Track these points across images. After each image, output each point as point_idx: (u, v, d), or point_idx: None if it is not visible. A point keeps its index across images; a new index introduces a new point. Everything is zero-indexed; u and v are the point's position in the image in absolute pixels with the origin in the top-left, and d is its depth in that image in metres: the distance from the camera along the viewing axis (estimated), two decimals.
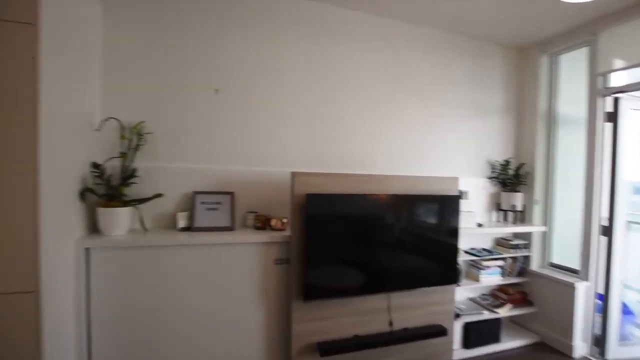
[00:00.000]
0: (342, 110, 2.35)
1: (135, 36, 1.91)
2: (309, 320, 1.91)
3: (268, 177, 2.15)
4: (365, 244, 1.98)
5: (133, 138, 1.83)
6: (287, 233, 1.93)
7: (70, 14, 1.50)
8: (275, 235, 1.89)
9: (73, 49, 1.52)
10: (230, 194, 2.02)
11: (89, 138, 1.70)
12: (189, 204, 1.96)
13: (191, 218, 1.92)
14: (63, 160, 1.44)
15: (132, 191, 1.82)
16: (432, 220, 2.14)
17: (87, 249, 1.61)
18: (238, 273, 1.84)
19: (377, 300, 2.04)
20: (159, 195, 1.83)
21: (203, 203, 1.96)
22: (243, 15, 2.10)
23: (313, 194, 1.81)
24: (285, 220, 1.99)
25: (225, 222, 1.96)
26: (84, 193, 1.63)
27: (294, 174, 1.85)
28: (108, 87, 1.86)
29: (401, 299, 2.09)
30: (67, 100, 1.47)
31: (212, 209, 1.97)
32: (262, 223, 2.00)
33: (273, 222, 1.99)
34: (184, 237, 1.78)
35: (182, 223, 1.90)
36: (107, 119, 1.75)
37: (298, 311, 1.88)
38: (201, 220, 1.93)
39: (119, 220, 1.71)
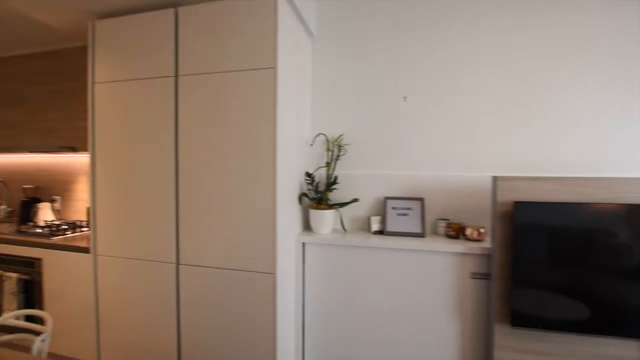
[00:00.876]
0: (552, 103, 1.93)
1: (334, 63, 2.19)
2: (515, 350, 1.64)
3: (460, 182, 2.00)
4: (595, 269, 1.54)
5: (334, 149, 2.10)
6: (485, 245, 1.74)
7: (293, 55, 1.86)
8: (473, 247, 1.73)
9: (294, 80, 1.89)
10: (420, 199, 2.00)
11: (304, 152, 2.06)
12: (381, 208, 2.07)
13: (383, 222, 2.01)
14: (289, 170, 1.81)
15: (334, 196, 2.09)
16: None
17: (303, 244, 1.95)
18: (429, 282, 1.80)
19: (619, 347, 1.54)
20: (355, 200, 2.02)
21: (394, 208, 2.02)
22: (426, 17, 2.07)
23: (524, 202, 1.56)
24: (482, 230, 1.80)
25: (415, 228, 1.96)
26: (301, 197, 1.99)
27: (495, 179, 1.65)
28: (316, 108, 2.21)
29: None
30: (291, 122, 1.83)
31: (403, 215, 2.00)
32: (456, 232, 1.88)
33: (468, 232, 1.83)
34: (377, 240, 1.88)
35: (375, 226, 2.02)
36: (317, 135, 2.09)
37: (501, 336, 1.65)
38: (392, 225, 1.99)
39: (325, 221, 1.99)
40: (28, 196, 2.93)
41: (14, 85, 2.60)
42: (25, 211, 2.79)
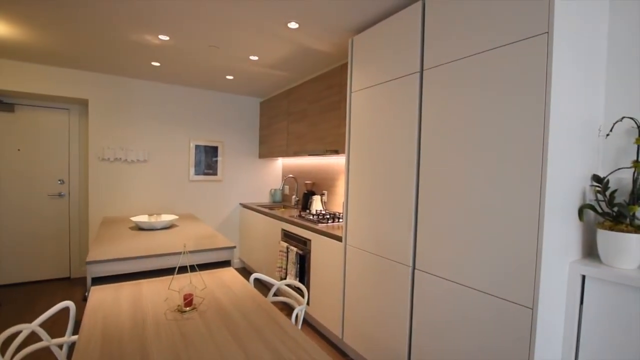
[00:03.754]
0: None
1: None
2: None
3: None
4: None
5: None
6: None
7: (576, 7, 1.34)
8: None
9: (579, 44, 1.35)
10: None
11: (591, 146, 1.45)
12: None
13: None
14: (566, 171, 1.31)
15: None
16: None
17: (583, 277, 1.37)
18: None
19: None
20: None
21: None
22: None
23: None
24: None
25: None
26: (583, 210, 1.40)
27: None
28: (615, 79, 1.50)
29: None
30: (573, 104, 1.32)
31: None
32: None
33: None
34: None
35: None
36: (619, 120, 1.41)
37: None
38: None
39: (627, 250, 1.31)
40: (308, 190, 3.77)
41: (302, 104, 3.41)
42: (305, 201, 3.59)
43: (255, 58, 2.96)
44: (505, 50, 1.35)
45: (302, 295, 2.69)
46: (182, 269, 1.80)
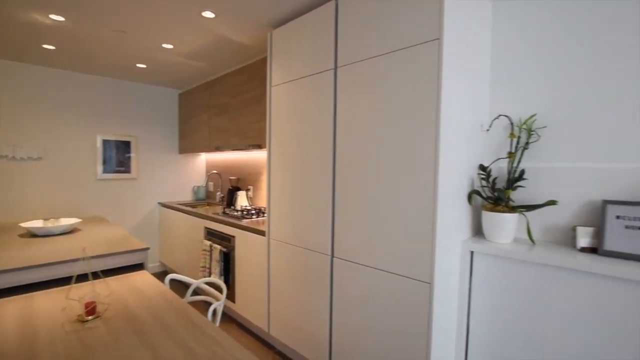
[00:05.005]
0: None
1: (526, 21, 1.68)
2: None
3: None
4: None
5: (521, 135, 1.62)
6: None
7: (465, 18, 1.53)
8: None
9: (467, 51, 1.55)
10: None
11: (478, 139, 1.69)
12: (595, 217, 1.46)
13: (599, 237, 1.41)
14: (456, 163, 1.50)
15: (518, 196, 1.62)
16: None
17: (472, 252, 1.60)
18: None
19: None
20: (552, 203, 1.49)
21: (620, 218, 1.38)
22: None
23: None
24: None
25: None
26: (471, 195, 1.63)
27: None
28: (496, 83, 1.76)
29: None
30: (461, 104, 1.51)
31: (637, 228, 1.34)
32: None
33: None
34: (586, 261, 1.32)
35: (583, 242, 1.44)
36: (497, 117, 1.66)
37: None
38: (616, 242, 1.36)
39: (504, 227, 1.56)
40: (232, 185, 3.67)
41: (223, 98, 3.30)
42: (230, 197, 3.50)
43: (170, 46, 2.78)
44: (404, 53, 1.49)
45: (221, 292, 2.64)
46: (86, 277, 1.63)
